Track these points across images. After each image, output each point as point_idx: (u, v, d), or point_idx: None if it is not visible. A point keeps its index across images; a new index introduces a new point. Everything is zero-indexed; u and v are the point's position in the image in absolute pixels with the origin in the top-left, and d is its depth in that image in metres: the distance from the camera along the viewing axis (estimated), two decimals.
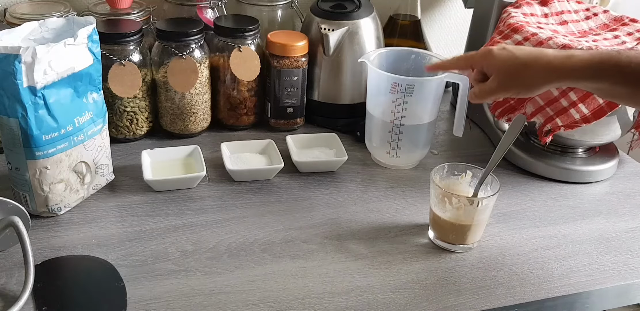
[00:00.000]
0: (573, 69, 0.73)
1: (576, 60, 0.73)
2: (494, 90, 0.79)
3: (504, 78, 0.78)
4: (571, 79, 0.75)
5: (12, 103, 0.77)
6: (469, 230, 0.83)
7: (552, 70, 0.75)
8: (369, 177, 1.01)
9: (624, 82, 0.72)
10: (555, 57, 0.75)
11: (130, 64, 0.99)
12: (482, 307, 0.76)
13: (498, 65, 0.79)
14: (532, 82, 0.77)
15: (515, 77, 0.78)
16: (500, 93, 0.80)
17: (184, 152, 1.00)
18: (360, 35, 1.08)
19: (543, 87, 0.77)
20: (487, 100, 0.82)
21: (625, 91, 0.72)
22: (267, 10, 1.16)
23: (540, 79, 0.76)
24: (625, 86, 0.72)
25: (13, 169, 0.83)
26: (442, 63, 0.89)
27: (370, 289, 0.77)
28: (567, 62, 0.74)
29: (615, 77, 0.72)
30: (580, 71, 0.73)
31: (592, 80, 0.73)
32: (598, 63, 0.72)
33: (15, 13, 1.00)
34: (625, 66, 0.71)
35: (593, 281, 0.81)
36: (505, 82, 0.79)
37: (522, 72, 0.77)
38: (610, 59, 0.72)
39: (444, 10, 1.38)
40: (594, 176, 1.03)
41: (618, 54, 0.72)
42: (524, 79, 0.77)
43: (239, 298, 0.75)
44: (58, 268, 0.78)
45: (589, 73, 0.73)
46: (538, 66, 0.76)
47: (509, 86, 0.78)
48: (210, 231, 0.86)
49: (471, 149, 1.10)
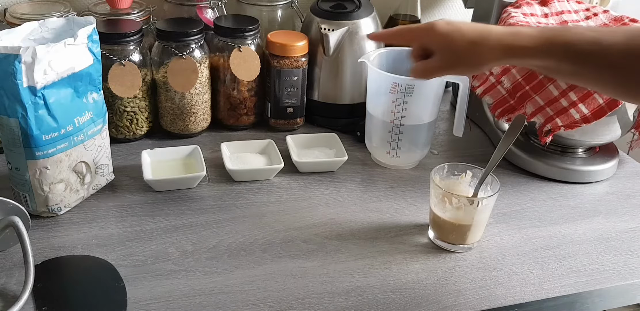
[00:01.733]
0: (522, 46, 0.71)
1: (525, 36, 0.71)
2: (439, 68, 0.76)
3: (450, 56, 0.75)
4: (520, 57, 0.72)
5: (12, 103, 0.77)
6: (469, 230, 0.83)
7: (501, 48, 0.72)
8: (369, 177, 1.01)
9: (571, 60, 0.70)
10: (503, 34, 0.72)
11: (130, 64, 0.99)
12: (482, 307, 0.76)
13: (443, 42, 0.75)
14: (481, 61, 0.74)
15: (463, 56, 0.74)
16: (445, 71, 0.77)
17: (184, 152, 1.00)
18: (360, 35, 1.08)
19: (490, 65, 0.75)
20: (430, 78, 0.79)
21: (571, 68, 0.70)
22: (267, 10, 1.16)
23: (488, 58, 0.73)
24: (573, 63, 0.70)
25: (13, 169, 0.83)
26: (383, 33, 0.84)
27: (370, 289, 0.77)
28: (516, 39, 0.71)
29: (563, 54, 0.70)
30: (530, 48, 0.71)
31: (540, 57, 0.71)
32: (547, 40, 0.70)
33: (15, 13, 1.00)
34: (576, 44, 0.69)
35: (593, 281, 0.81)
36: (451, 61, 0.75)
37: (470, 50, 0.73)
38: (560, 36, 0.70)
39: (444, 10, 1.38)
40: (594, 176, 1.03)
41: (567, 31, 0.71)
42: (471, 57, 0.74)
43: (239, 298, 0.75)
44: (58, 268, 0.78)
45: (538, 50, 0.70)
46: (487, 43, 0.73)
47: (455, 63, 0.75)
48: (210, 231, 0.86)
49: (471, 149, 1.10)
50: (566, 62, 0.70)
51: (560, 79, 0.82)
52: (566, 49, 0.69)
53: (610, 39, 0.67)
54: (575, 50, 0.69)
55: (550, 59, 0.70)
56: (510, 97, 1.00)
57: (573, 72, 0.71)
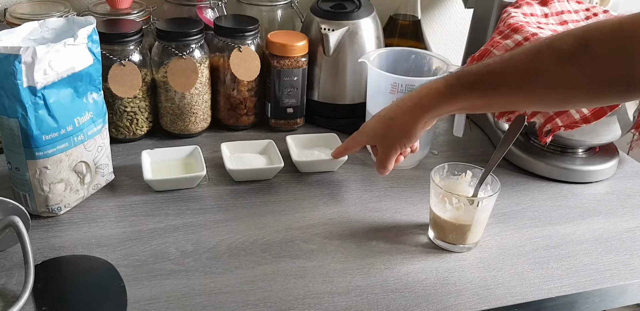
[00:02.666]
0: (430, 99, 0.76)
1: (430, 90, 0.76)
2: (385, 154, 0.84)
3: (383, 139, 0.83)
4: (435, 108, 0.77)
5: (12, 103, 0.77)
6: (469, 230, 0.83)
7: (415, 109, 0.78)
8: (369, 177, 1.01)
9: (475, 93, 0.73)
10: (411, 97, 0.79)
11: (130, 64, 0.99)
12: (482, 307, 0.76)
13: (372, 133, 0.84)
14: (405, 128, 0.80)
15: (390, 133, 0.82)
16: (390, 153, 0.84)
17: (184, 152, 1.00)
18: (360, 35, 1.08)
19: (418, 127, 0.80)
20: (390, 166, 0.85)
21: (483, 101, 0.74)
22: (267, 10, 1.16)
23: (409, 122, 0.79)
24: (480, 97, 0.73)
25: (13, 169, 0.83)
26: (339, 148, 0.93)
27: (370, 289, 0.77)
28: (423, 95, 0.77)
29: (466, 92, 0.74)
30: (438, 99, 0.76)
31: (451, 102, 0.75)
32: (448, 86, 0.75)
33: (15, 13, 1.00)
34: (470, 79, 0.73)
35: (593, 281, 0.81)
36: (386, 142, 0.83)
37: (392, 125, 0.81)
38: (455, 77, 0.75)
39: (444, 10, 1.38)
40: (594, 176, 1.03)
41: (462, 70, 0.75)
42: (396, 129, 0.81)
43: (239, 298, 0.75)
44: (58, 268, 0.78)
45: (446, 97, 0.75)
46: (400, 112, 0.80)
47: (390, 143, 0.83)
48: (210, 231, 0.86)
49: (471, 149, 1.10)
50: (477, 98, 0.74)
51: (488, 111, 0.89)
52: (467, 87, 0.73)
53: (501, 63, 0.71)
54: (475, 86, 0.73)
55: (460, 101, 0.75)
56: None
57: (489, 104, 0.75)
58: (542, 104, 0.74)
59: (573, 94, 0.68)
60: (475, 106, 0.76)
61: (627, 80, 0.63)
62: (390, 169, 0.86)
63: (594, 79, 0.65)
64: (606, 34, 0.64)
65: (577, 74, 0.65)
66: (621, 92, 0.66)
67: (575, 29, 0.67)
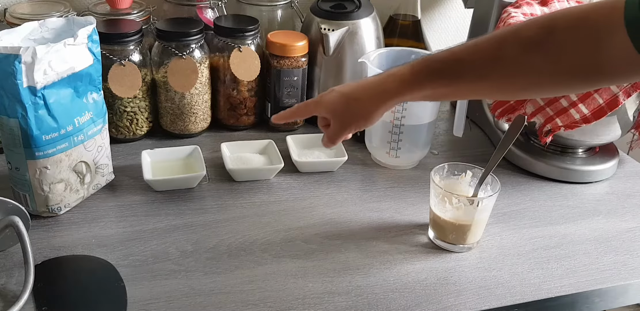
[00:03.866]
0: (396, 86, 0.76)
1: (396, 77, 0.76)
2: (338, 131, 0.83)
3: (340, 117, 0.82)
4: (400, 95, 0.77)
5: (12, 103, 0.77)
6: (469, 230, 0.83)
7: (379, 93, 0.77)
8: (369, 177, 1.01)
9: (441, 81, 0.73)
10: (377, 81, 0.78)
11: (130, 64, 0.99)
12: (482, 307, 0.76)
13: (331, 107, 0.82)
14: (366, 111, 0.79)
15: (349, 113, 0.81)
16: (343, 132, 0.83)
17: (184, 152, 1.00)
18: (360, 35, 1.08)
19: (379, 112, 0.79)
20: (338, 141, 0.85)
21: (448, 90, 0.74)
22: (267, 10, 1.16)
23: (372, 105, 0.79)
24: (445, 85, 0.73)
25: (13, 169, 0.83)
26: (285, 113, 0.90)
27: (370, 289, 0.77)
28: (389, 81, 0.77)
29: (431, 79, 0.73)
30: (403, 86, 0.75)
31: (416, 89, 0.75)
32: (414, 73, 0.75)
33: (15, 13, 1.00)
34: (437, 67, 0.73)
35: (593, 281, 0.81)
36: (343, 121, 0.82)
37: (353, 105, 0.80)
38: (421, 64, 0.74)
39: (444, 10, 1.38)
40: (594, 176, 1.03)
41: (428, 57, 0.75)
42: (359, 110, 0.80)
43: (239, 298, 0.75)
44: (58, 268, 0.78)
45: (411, 84, 0.75)
46: (365, 94, 0.79)
47: (347, 122, 0.82)
48: (210, 231, 0.86)
49: (471, 149, 1.10)
50: (439, 85, 0.74)
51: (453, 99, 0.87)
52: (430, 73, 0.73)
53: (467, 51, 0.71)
54: (441, 72, 0.73)
55: (425, 87, 0.75)
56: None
57: (453, 92, 0.75)
58: (506, 91, 0.73)
59: (538, 82, 0.68)
60: (440, 94, 0.76)
61: (593, 68, 0.63)
62: (337, 144, 0.86)
63: (558, 66, 0.65)
64: (571, 21, 0.64)
65: (542, 62, 0.65)
66: (587, 80, 0.66)
67: (540, 17, 0.67)
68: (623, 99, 0.91)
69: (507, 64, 0.67)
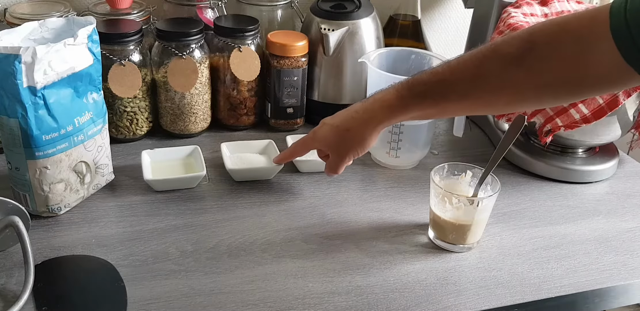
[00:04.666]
0: (384, 112, 0.77)
1: (383, 103, 0.77)
2: (337, 161, 0.86)
3: (336, 149, 0.85)
4: (388, 120, 0.79)
5: (12, 103, 0.77)
6: (469, 230, 0.83)
7: (368, 121, 0.79)
8: (369, 177, 1.01)
9: (426, 103, 0.74)
10: (365, 108, 0.80)
11: (130, 64, 0.99)
12: (482, 307, 0.76)
13: (325, 142, 0.85)
14: (360, 139, 0.81)
15: (344, 143, 0.83)
16: (343, 160, 0.86)
17: (184, 152, 1.00)
18: (360, 35, 1.08)
19: (372, 138, 0.82)
20: (341, 171, 0.88)
21: (435, 110, 0.75)
22: (267, 10, 1.16)
23: (363, 133, 0.81)
24: (431, 106, 0.74)
25: (13, 169, 0.83)
26: (284, 154, 0.93)
27: (370, 289, 0.77)
28: (376, 107, 0.78)
29: (417, 102, 0.74)
30: (391, 111, 0.77)
31: (403, 113, 0.77)
32: (399, 97, 0.76)
33: (15, 13, 1.00)
34: (420, 90, 0.74)
35: (593, 281, 0.81)
36: (339, 152, 0.85)
37: (347, 136, 0.82)
38: (405, 88, 0.75)
39: (444, 10, 1.38)
40: (594, 176, 1.03)
41: (411, 80, 0.76)
42: (352, 139, 0.82)
43: (239, 298, 0.75)
44: (58, 268, 0.78)
45: (398, 109, 0.76)
46: (355, 124, 0.81)
47: (344, 152, 0.84)
48: (210, 231, 0.86)
49: (471, 149, 1.10)
50: (429, 107, 0.75)
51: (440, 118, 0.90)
52: (417, 96, 0.74)
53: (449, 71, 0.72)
54: (426, 95, 0.74)
55: (411, 110, 0.76)
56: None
57: (441, 111, 0.76)
58: (493, 107, 0.74)
59: (523, 97, 0.68)
60: (428, 114, 0.77)
61: (577, 80, 0.63)
62: (340, 173, 0.88)
63: (541, 80, 0.65)
64: (551, 35, 0.64)
65: (525, 77, 0.65)
66: (572, 92, 0.66)
67: (520, 32, 0.67)
68: (623, 99, 0.91)
69: (490, 81, 0.68)
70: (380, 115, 0.78)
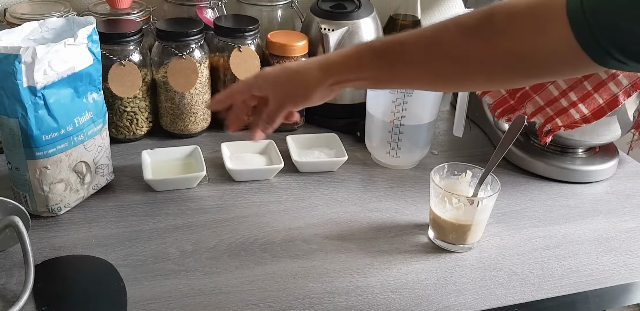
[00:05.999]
0: (339, 61, 0.75)
1: (339, 53, 0.76)
2: (276, 108, 0.78)
3: (280, 89, 0.78)
4: (339, 73, 0.75)
5: (12, 103, 0.77)
6: (469, 230, 0.83)
7: (320, 67, 0.75)
8: (369, 177, 1.01)
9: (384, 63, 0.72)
10: (322, 57, 0.77)
11: (130, 64, 0.99)
12: (482, 307, 0.76)
13: (273, 79, 0.78)
14: (306, 84, 0.76)
15: (290, 83, 0.77)
16: (282, 109, 0.79)
17: (184, 152, 1.00)
18: (360, 35, 1.08)
19: (319, 88, 0.76)
20: (276, 124, 0.80)
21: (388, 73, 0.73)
22: (267, 10, 1.16)
23: (313, 79, 0.76)
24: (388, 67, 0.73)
25: (13, 169, 0.83)
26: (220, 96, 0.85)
27: (370, 289, 0.77)
28: (332, 56, 0.76)
29: (372, 59, 0.73)
30: (344, 62, 0.74)
31: (357, 68, 0.74)
32: (358, 51, 0.74)
33: (15, 13, 1.00)
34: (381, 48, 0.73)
35: (593, 281, 0.81)
36: (282, 94, 0.78)
37: (295, 76, 0.77)
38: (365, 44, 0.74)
39: (444, 10, 1.38)
40: (594, 176, 1.03)
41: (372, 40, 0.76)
42: (298, 82, 0.77)
43: (239, 298, 0.75)
44: (58, 268, 0.78)
45: (352, 61, 0.74)
46: (307, 67, 0.76)
47: (285, 96, 0.78)
48: (210, 231, 0.86)
49: (471, 149, 1.10)
50: (382, 68, 0.73)
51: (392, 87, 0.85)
52: (375, 55, 0.72)
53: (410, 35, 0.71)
54: (383, 54, 0.72)
55: (366, 67, 0.73)
56: (510, 97, 1.00)
57: (393, 76, 0.74)
58: (443, 79, 0.73)
59: (474, 69, 0.68)
60: (379, 78, 0.75)
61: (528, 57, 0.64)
62: (274, 128, 0.81)
63: (493, 53, 0.65)
64: (511, 9, 0.64)
65: (477, 47, 0.66)
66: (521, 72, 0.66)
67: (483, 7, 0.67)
68: (623, 99, 0.91)
69: (445, 47, 0.68)
70: (332, 63, 0.76)
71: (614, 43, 0.57)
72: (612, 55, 0.58)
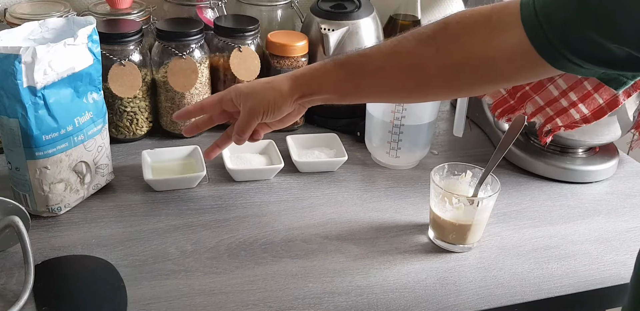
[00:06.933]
0: (305, 73, 0.78)
1: (307, 67, 0.79)
2: (247, 119, 0.80)
3: (253, 98, 0.79)
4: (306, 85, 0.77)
5: (12, 103, 0.77)
6: (469, 230, 0.83)
7: (290, 78, 0.78)
8: (369, 177, 1.01)
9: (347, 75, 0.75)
10: (293, 71, 0.80)
11: (130, 64, 0.99)
12: (482, 307, 0.76)
13: (244, 90, 0.80)
14: (276, 94, 0.78)
15: (262, 94, 0.79)
16: (253, 120, 0.80)
17: (184, 152, 1.00)
18: (360, 35, 1.08)
19: (287, 99, 0.78)
20: (247, 135, 0.82)
21: (352, 84, 0.75)
22: (267, 10, 1.16)
23: (282, 90, 0.78)
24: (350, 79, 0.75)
25: (13, 169, 0.83)
26: (189, 108, 0.87)
27: (370, 289, 0.77)
28: (300, 70, 0.79)
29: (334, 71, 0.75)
30: (311, 74, 0.77)
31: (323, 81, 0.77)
32: (323, 64, 0.77)
33: (15, 13, 1.00)
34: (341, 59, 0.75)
35: (593, 281, 0.81)
36: (253, 104, 0.79)
37: (266, 87, 0.79)
38: (330, 58, 0.77)
39: (444, 10, 1.38)
40: (594, 176, 1.03)
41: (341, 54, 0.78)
42: (268, 92, 0.78)
43: (239, 298, 0.75)
44: (58, 268, 0.78)
45: (317, 74, 0.77)
46: (279, 79, 0.79)
47: (257, 106, 0.79)
48: (210, 231, 0.86)
49: (471, 149, 1.10)
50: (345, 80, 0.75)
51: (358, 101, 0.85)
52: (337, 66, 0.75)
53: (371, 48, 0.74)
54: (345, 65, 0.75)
55: (329, 80, 0.76)
56: (510, 97, 1.00)
57: (355, 87, 0.75)
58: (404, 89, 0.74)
59: (432, 77, 0.70)
60: (342, 90, 0.76)
61: (486, 64, 0.65)
62: (246, 139, 0.83)
63: (450, 59, 0.67)
64: (464, 16, 0.66)
65: (434, 55, 0.67)
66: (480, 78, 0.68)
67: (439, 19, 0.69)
68: (623, 99, 0.91)
69: (403, 56, 0.70)
70: (301, 77, 0.78)
71: (567, 45, 0.58)
72: (567, 57, 0.59)
